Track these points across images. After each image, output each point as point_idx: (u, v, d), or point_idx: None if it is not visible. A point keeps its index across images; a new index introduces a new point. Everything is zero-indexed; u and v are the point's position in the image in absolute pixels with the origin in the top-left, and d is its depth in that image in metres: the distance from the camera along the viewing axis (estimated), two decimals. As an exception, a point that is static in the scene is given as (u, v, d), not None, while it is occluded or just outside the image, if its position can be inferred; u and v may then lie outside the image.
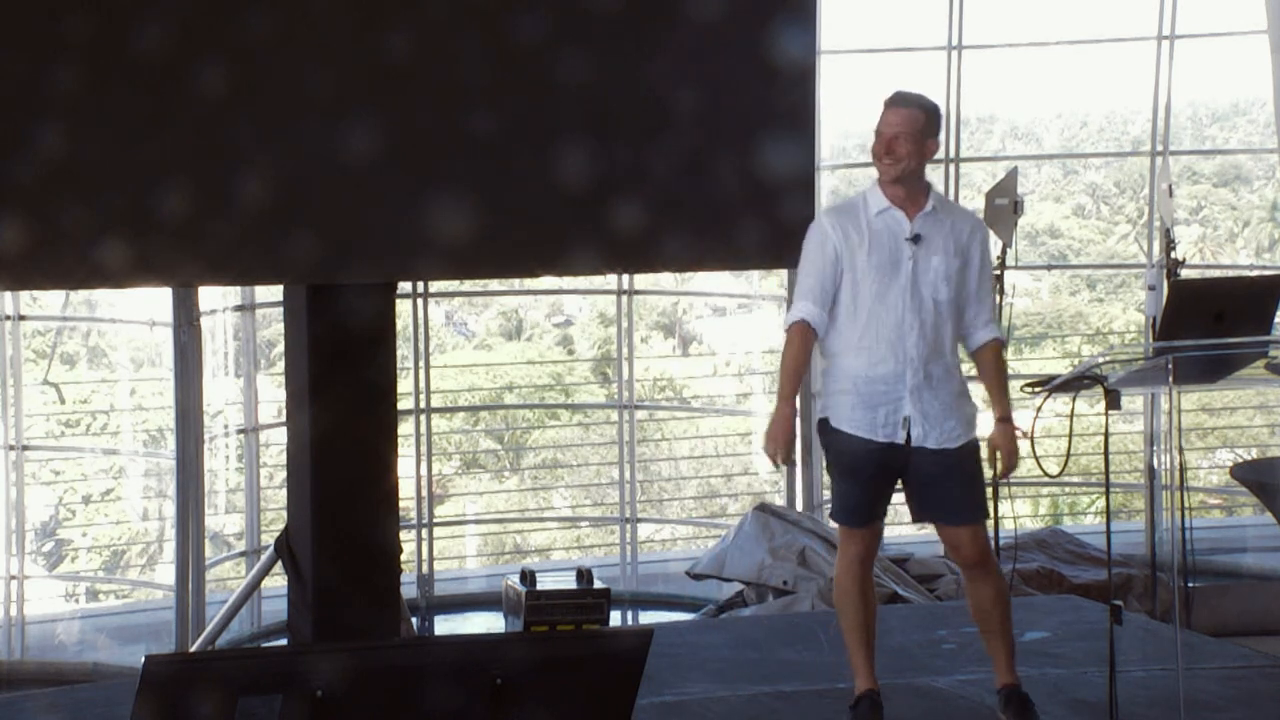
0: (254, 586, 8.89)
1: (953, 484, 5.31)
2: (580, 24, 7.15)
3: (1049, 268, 24.83)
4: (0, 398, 10.81)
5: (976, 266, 5.31)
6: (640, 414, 12.21)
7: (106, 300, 14.68)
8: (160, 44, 6.62)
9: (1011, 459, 5.28)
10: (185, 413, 9.98)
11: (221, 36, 6.75)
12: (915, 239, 5.25)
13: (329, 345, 7.30)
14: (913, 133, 5.25)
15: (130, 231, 6.69)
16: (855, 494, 5.39)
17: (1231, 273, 18.36)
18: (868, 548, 5.44)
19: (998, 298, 9.29)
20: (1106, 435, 5.52)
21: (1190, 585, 8.84)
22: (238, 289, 10.98)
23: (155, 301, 10.66)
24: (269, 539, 9.17)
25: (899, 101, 5.32)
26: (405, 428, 10.99)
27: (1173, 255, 9.07)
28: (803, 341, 5.38)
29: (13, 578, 10.81)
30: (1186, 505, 8.16)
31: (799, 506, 11.36)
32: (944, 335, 5.28)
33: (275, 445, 11.47)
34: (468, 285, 19.06)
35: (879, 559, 10.66)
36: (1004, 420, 5.27)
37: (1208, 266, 21.03)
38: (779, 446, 5.29)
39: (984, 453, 5.37)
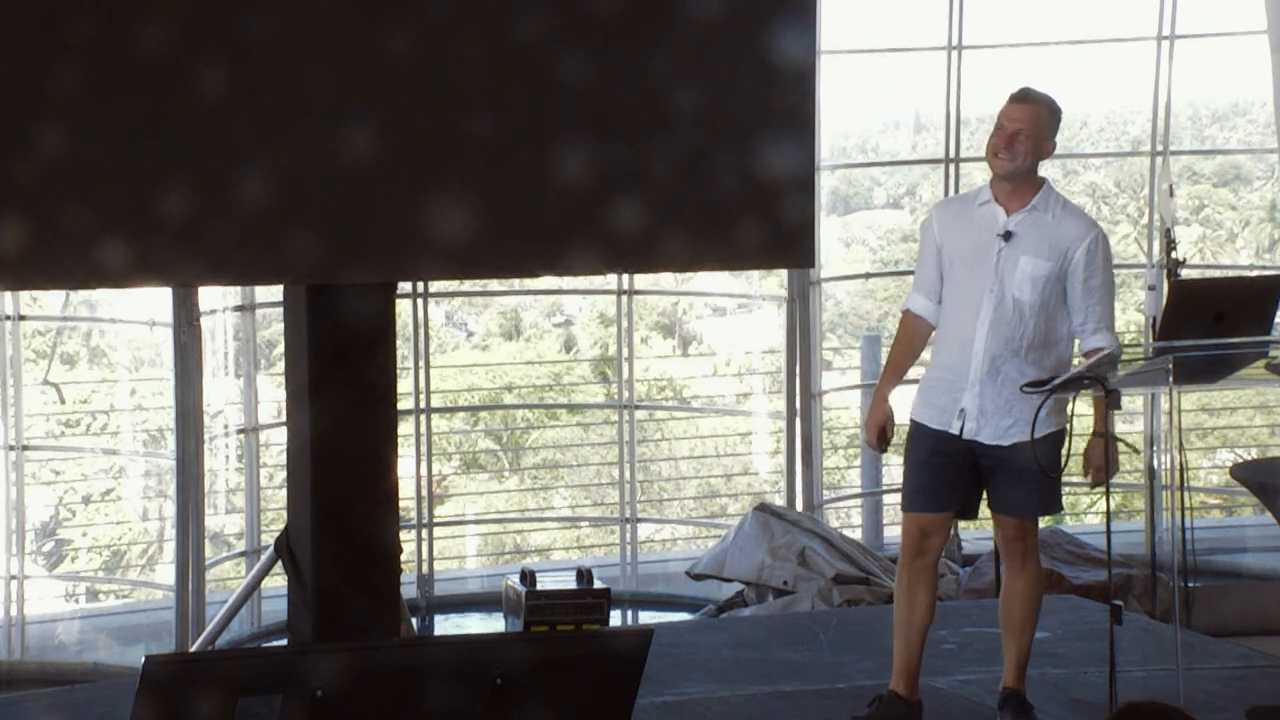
0: (254, 586, 8.87)
1: (1003, 476, 5.31)
2: (580, 24, 7.15)
3: (1049, 268, 24.79)
4: (0, 398, 10.80)
5: (1081, 273, 5.20)
6: (640, 414, 12.21)
7: (106, 300, 14.67)
8: (160, 44, 6.61)
9: (1098, 474, 5.23)
10: (185, 413, 9.99)
11: (221, 36, 6.75)
12: (1006, 235, 5.21)
13: (329, 345, 7.29)
14: (1035, 131, 5.21)
15: (130, 231, 6.68)
16: (910, 476, 5.40)
17: (1231, 273, 18.36)
18: (918, 541, 5.39)
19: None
20: (1107, 435, 5.51)
21: (1190, 585, 8.83)
22: (238, 289, 10.98)
23: (155, 301, 10.66)
24: (269, 539, 9.17)
25: (1025, 97, 5.25)
26: (405, 428, 10.99)
27: (1173, 255, 9.06)
28: (904, 330, 5.40)
29: (13, 578, 10.80)
30: (1186, 505, 8.16)
31: (799, 506, 11.35)
32: (1023, 335, 5.20)
33: (275, 445, 11.48)
34: (468, 285, 19.05)
35: (877, 558, 10.67)
36: (1096, 435, 5.23)
37: (1208, 266, 21.02)
38: (869, 434, 5.36)
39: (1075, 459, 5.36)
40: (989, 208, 5.27)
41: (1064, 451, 5.40)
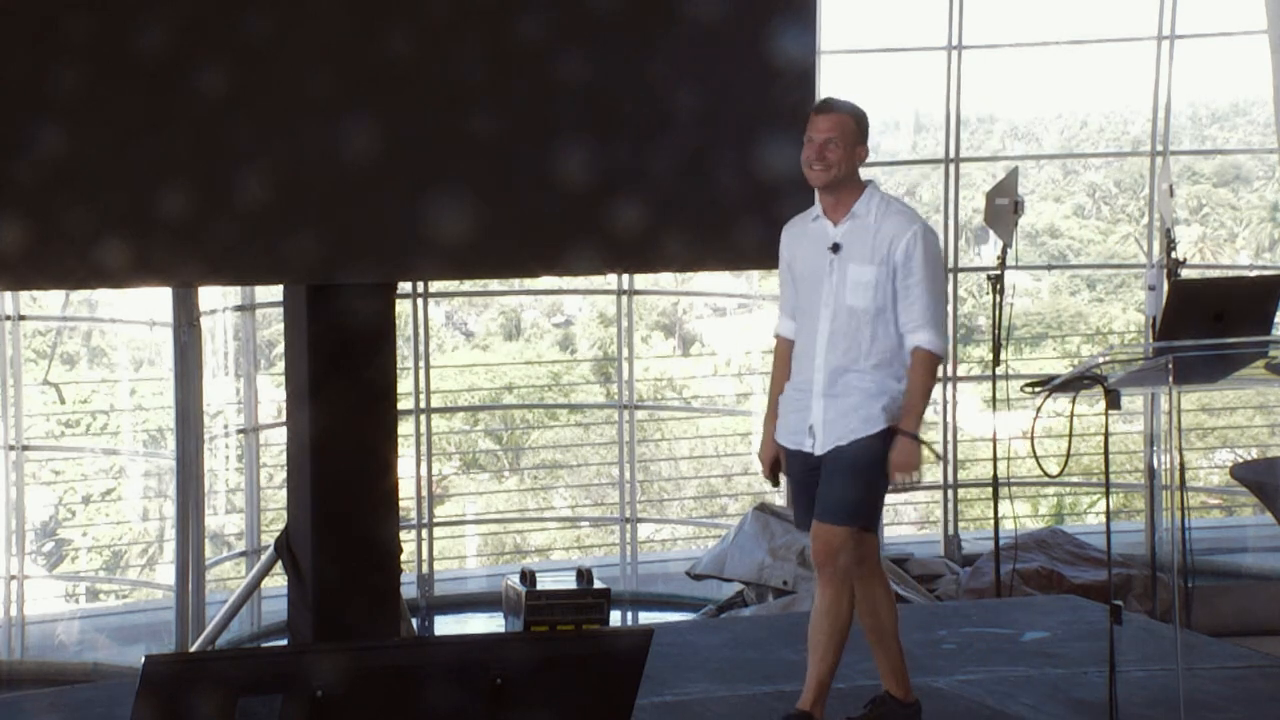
0: (254, 586, 8.89)
1: (825, 478, 5.17)
2: (580, 24, 7.16)
3: (1049, 268, 24.85)
4: (0, 398, 10.81)
5: (900, 271, 5.09)
6: (640, 414, 12.21)
7: (106, 300, 14.69)
8: (160, 44, 6.62)
9: (895, 473, 5.05)
10: (185, 413, 9.98)
11: (221, 36, 6.75)
12: (835, 248, 5.17)
13: (329, 345, 7.31)
14: (843, 138, 5.11)
15: (130, 231, 6.69)
16: (792, 496, 5.35)
17: (1231, 273, 18.37)
18: (829, 559, 5.31)
19: (998, 297, 9.29)
20: (1106, 435, 5.51)
21: (1190, 585, 8.84)
22: (238, 289, 10.99)
23: (155, 301, 10.66)
24: (269, 539, 9.18)
25: (829, 107, 5.16)
26: (405, 428, 10.99)
27: (1173, 255, 9.07)
28: (777, 357, 5.36)
29: (13, 578, 10.80)
30: (1186, 505, 8.16)
31: (799, 506, 11.35)
32: (860, 343, 5.11)
33: (275, 445, 11.48)
34: (468, 285, 19.06)
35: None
36: (903, 433, 5.07)
37: (1208, 266, 21.03)
38: (763, 468, 5.31)
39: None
40: (820, 222, 5.24)
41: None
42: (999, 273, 9.35)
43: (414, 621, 10.09)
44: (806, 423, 5.19)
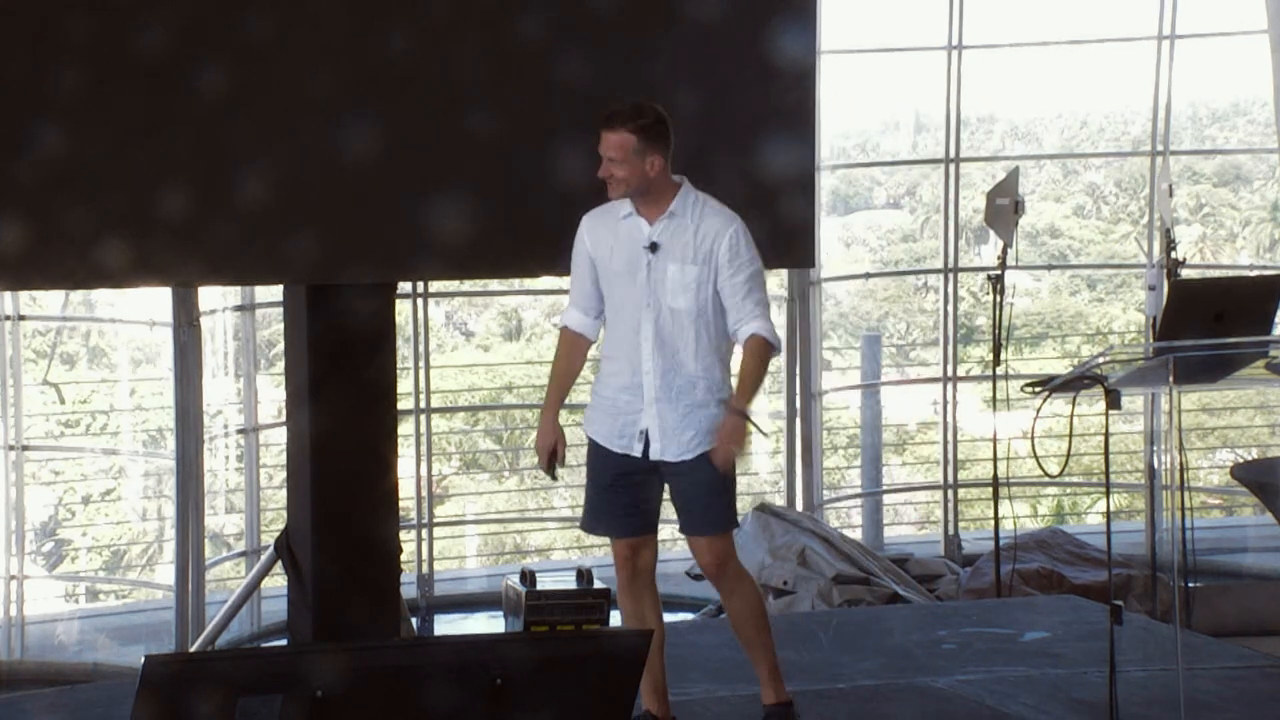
0: (254, 586, 8.89)
1: (690, 494, 5.15)
2: (580, 24, 7.16)
3: (1049, 268, 24.84)
4: (0, 398, 10.81)
5: (726, 269, 5.03)
6: (640, 414, 12.23)
7: (106, 300, 14.70)
8: (160, 44, 6.62)
9: (723, 449, 5.01)
10: (185, 413, 9.98)
11: (221, 37, 6.75)
12: (652, 247, 5.07)
13: (329, 345, 7.31)
14: (626, 157, 5.00)
15: (130, 231, 6.69)
16: (593, 500, 5.30)
17: (1231, 273, 18.37)
18: (629, 562, 5.26)
19: (998, 297, 9.29)
20: (1106, 435, 5.52)
21: (1190, 585, 8.84)
22: (238, 289, 10.99)
23: (155, 301, 10.66)
24: (269, 539, 9.18)
25: (608, 124, 5.05)
26: (405, 428, 10.99)
27: (1173, 255, 9.06)
28: (563, 348, 5.29)
29: (13, 578, 10.80)
30: (1186, 505, 8.16)
31: (799, 506, 11.36)
32: (683, 346, 5.06)
33: (275, 445, 11.48)
34: (468, 285, 19.05)
35: (878, 558, 10.67)
36: (733, 411, 5.03)
37: (1208, 266, 21.03)
38: (540, 458, 5.26)
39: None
40: (633, 220, 5.13)
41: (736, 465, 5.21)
42: (999, 273, 9.35)
43: (414, 621, 10.09)
44: (638, 427, 5.11)
